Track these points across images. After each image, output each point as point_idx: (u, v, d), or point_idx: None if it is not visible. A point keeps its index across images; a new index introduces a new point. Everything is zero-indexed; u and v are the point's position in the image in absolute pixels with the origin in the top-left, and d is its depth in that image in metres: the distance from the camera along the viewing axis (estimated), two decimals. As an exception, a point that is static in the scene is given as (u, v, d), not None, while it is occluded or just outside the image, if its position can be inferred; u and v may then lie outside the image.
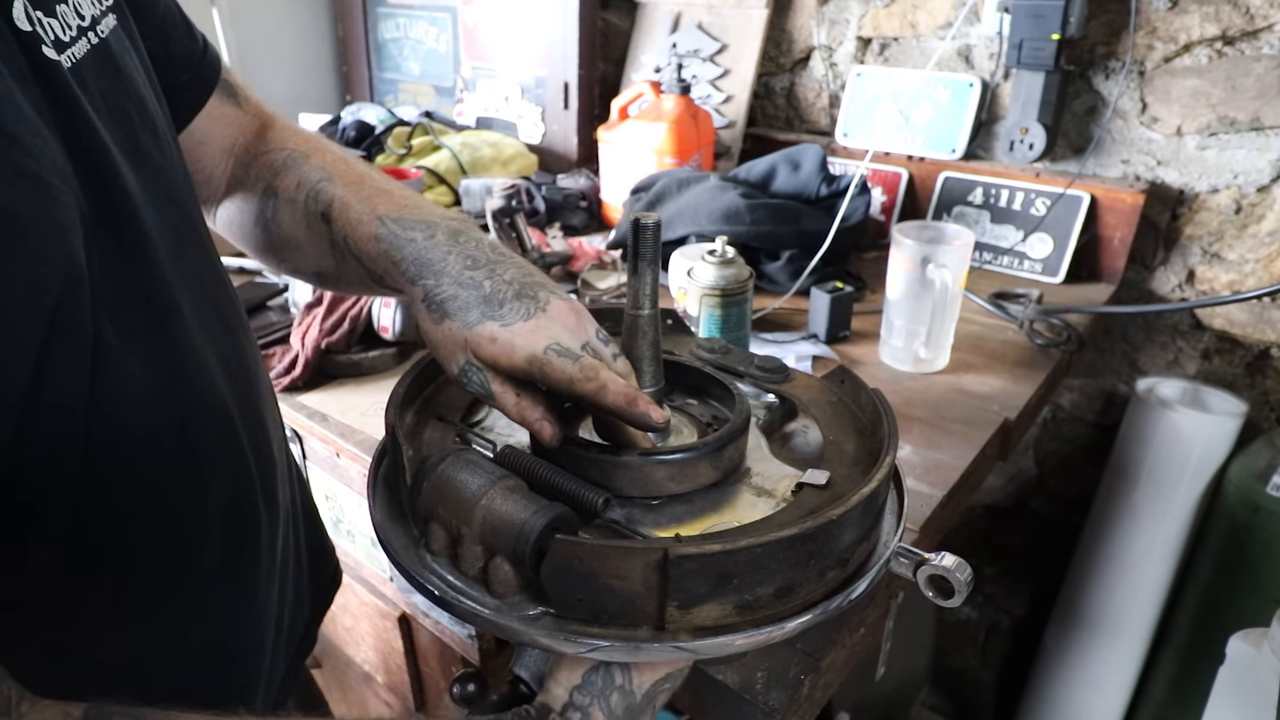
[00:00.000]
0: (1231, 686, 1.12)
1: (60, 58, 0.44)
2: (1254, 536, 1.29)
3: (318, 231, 0.63)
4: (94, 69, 0.47)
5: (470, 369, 0.54)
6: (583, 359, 0.52)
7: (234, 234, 0.71)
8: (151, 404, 0.48)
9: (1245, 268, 1.39)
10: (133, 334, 0.46)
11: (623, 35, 1.89)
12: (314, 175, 0.64)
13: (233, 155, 0.68)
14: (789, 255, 1.27)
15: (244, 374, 0.59)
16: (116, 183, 0.46)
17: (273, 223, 0.66)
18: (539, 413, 0.54)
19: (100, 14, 0.49)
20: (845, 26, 1.66)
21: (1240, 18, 1.27)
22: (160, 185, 0.52)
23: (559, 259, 1.34)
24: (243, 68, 2.02)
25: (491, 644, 0.82)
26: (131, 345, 0.46)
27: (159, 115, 0.55)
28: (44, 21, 0.44)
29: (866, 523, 0.50)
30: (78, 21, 0.47)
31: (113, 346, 0.44)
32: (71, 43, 0.46)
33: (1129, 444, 1.46)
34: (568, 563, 0.43)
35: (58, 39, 0.44)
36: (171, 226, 0.52)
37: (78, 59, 0.46)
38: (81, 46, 0.47)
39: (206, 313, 0.55)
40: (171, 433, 0.50)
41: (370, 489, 0.57)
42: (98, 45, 0.48)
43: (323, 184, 0.63)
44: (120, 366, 0.45)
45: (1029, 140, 1.42)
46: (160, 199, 0.51)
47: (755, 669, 0.61)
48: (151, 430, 0.48)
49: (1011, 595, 1.90)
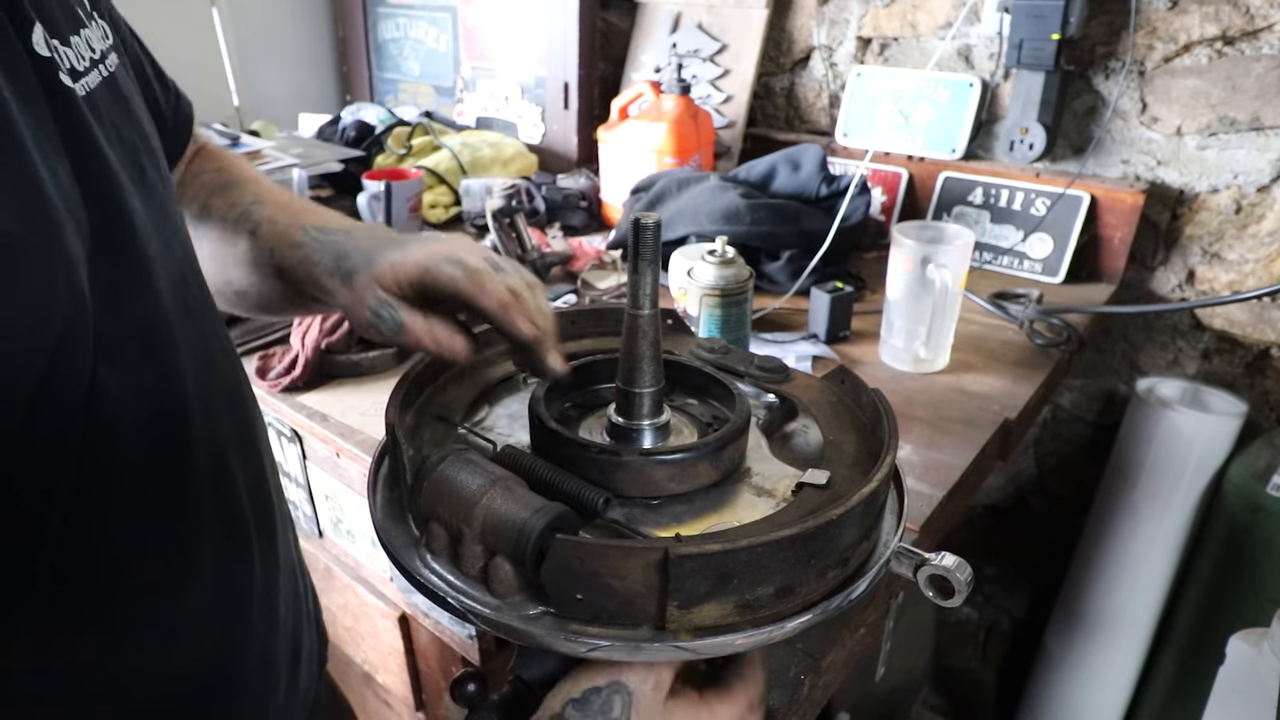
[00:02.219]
0: (1231, 686, 1.12)
1: (75, 85, 0.44)
2: (1254, 536, 1.29)
3: (241, 249, 0.66)
4: (104, 99, 0.48)
5: (381, 307, 0.56)
6: (473, 267, 0.56)
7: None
8: (143, 438, 0.46)
9: (1245, 268, 1.39)
10: (127, 368, 0.45)
11: (623, 35, 1.89)
12: (247, 198, 0.67)
13: (180, 182, 0.71)
14: (789, 255, 1.27)
15: (242, 411, 0.59)
16: (123, 212, 0.46)
17: (203, 239, 0.67)
18: (447, 331, 0.56)
19: (107, 50, 0.51)
20: (845, 26, 1.66)
21: (1240, 18, 1.27)
22: (164, 216, 0.52)
23: (559, 259, 1.34)
24: (243, 68, 2.02)
25: (491, 644, 0.82)
26: (125, 379, 0.44)
27: (159, 149, 0.56)
28: (60, 50, 0.44)
29: (866, 523, 0.50)
30: (90, 54, 0.48)
31: (105, 381, 0.43)
32: (85, 73, 0.46)
33: (1129, 444, 1.46)
34: (568, 562, 0.43)
35: (73, 68, 0.45)
36: (175, 257, 0.52)
37: (90, 88, 0.46)
38: (94, 77, 0.47)
39: (201, 347, 0.54)
40: (164, 468, 0.48)
41: (370, 489, 0.57)
42: (107, 78, 0.49)
43: (254, 205, 0.66)
44: (113, 400, 0.43)
45: (1029, 140, 1.42)
46: (166, 230, 0.52)
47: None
48: (144, 463, 0.47)
49: (1011, 595, 1.90)
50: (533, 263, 1.31)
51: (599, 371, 0.65)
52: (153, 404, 0.47)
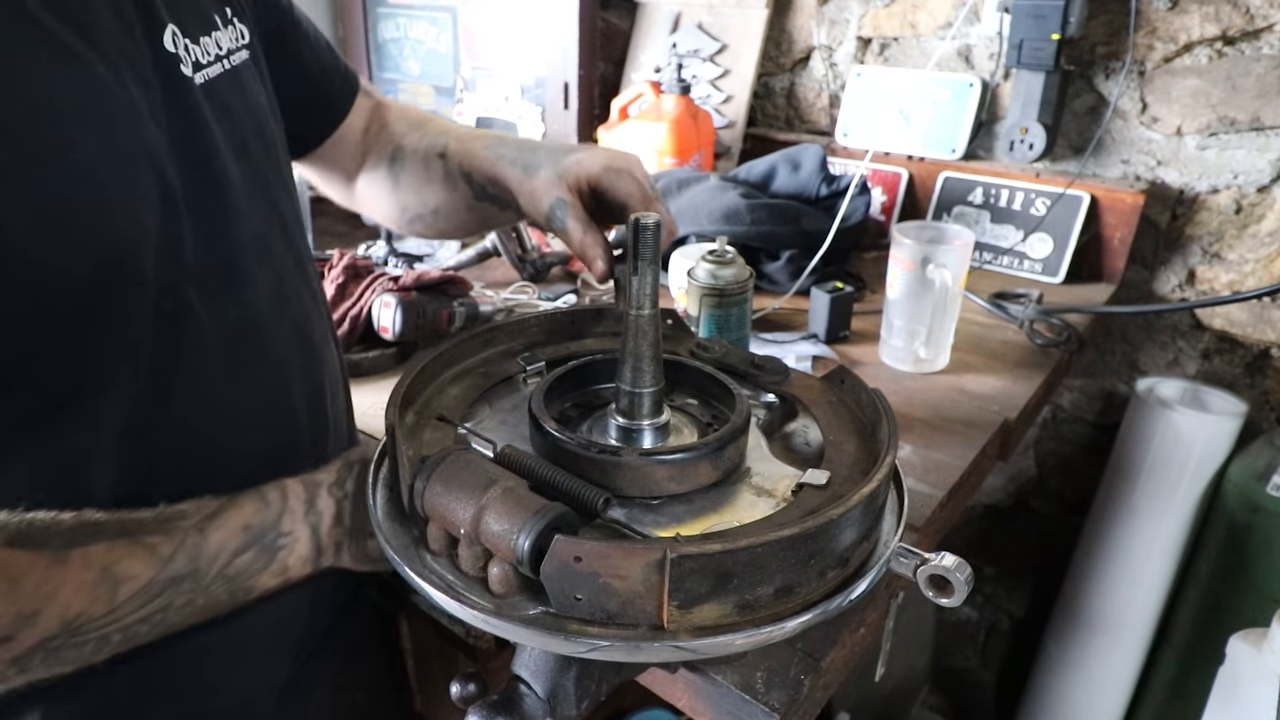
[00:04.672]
0: (1231, 686, 1.12)
1: (195, 75, 0.56)
2: (1254, 536, 1.30)
3: (434, 169, 0.80)
4: (223, 87, 0.59)
5: (558, 204, 0.67)
6: (647, 190, 0.69)
7: (368, 200, 0.88)
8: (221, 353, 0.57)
9: (1245, 268, 1.39)
10: (209, 293, 0.55)
11: (623, 35, 1.89)
12: (433, 131, 0.82)
13: (365, 134, 0.85)
14: (789, 255, 1.27)
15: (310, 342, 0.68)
16: (215, 174, 0.56)
17: (400, 172, 0.82)
18: (599, 250, 0.67)
19: (235, 48, 0.62)
20: (845, 26, 1.66)
21: (1240, 18, 1.27)
22: (256, 183, 0.62)
23: (559, 259, 1.34)
24: (243, 68, 2.02)
25: (491, 644, 0.82)
26: (211, 306, 0.55)
27: (273, 133, 0.67)
28: (189, 47, 0.56)
29: (866, 523, 0.50)
30: (217, 51, 0.59)
31: (190, 302, 0.54)
32: (209, 65, 0.58)
33: (1129, 444, 1.46)
34: (567, 562, 0.43)
35: (197, 62, 0.57)
36: (261, 216, 0.62)
37: (210, 78, 0.58)
38: (216, 69, 0.59)
39: (275, 285, 0.63)
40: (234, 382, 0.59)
41: (370, 489, 0.57)
42: (230, 70, 0.61)
43: (440, 135, 0.81)
44: (199, 325, 0.54)
45: (1029, 140, 1.41)
46: (255, 193, 0.61)
47: (755, 669, 0.61)
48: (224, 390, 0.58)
49: (1011, 595, 1.90)
50: (533, 263, 1.31)
51: (599, 371, 0.65)
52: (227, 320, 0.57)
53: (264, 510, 0.57)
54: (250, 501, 0.57)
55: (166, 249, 0.51)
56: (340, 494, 0.62)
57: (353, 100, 0.83)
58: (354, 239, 1.51)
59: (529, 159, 0.71)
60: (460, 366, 0.68)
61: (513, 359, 0.69)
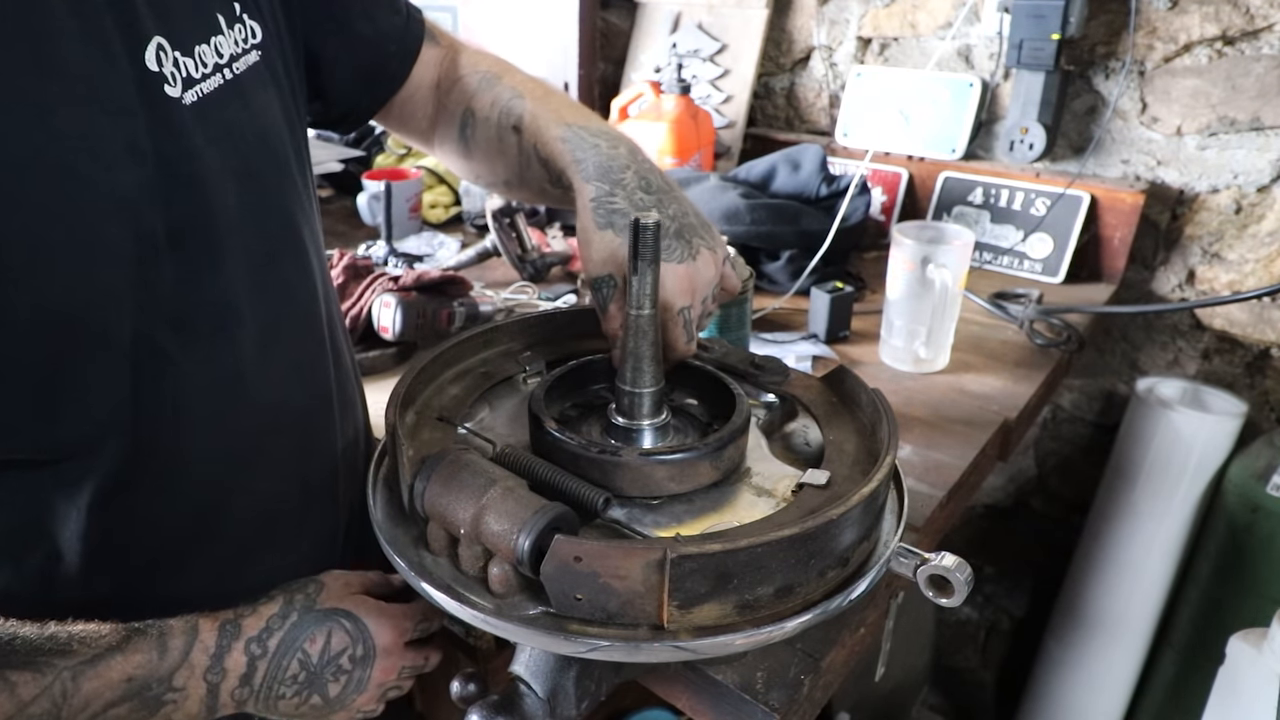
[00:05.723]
0: (1231, 686, 1.12)
1: (183, 94, 0.51)
2: (1254, 536, 1.29)
3: (508, 143, 0.72)
4: (220, 102, 0.54)
5: (608, 281, 0.61)
6: (693, 338, 0.63)
7: (445, 157, 0.81)
8: (205, 403, 0.54)
9: (1245, 268, 1.39)
10: (195, 339, 0.52)
11: (623, 35, 1.89)
12: (506, 94, 0.72)
13: (437, 89, 0.77)
14: (789, 255, 1.27)
15: (323, 383, 0.66)
16: (207, 205, 0.52)
17: (471, 140, 0.75)
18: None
19: (241, 52, 0.56)
20: (845, 26, 1.66)
21: (1240, 18, 1.27)
22: (267, 203, 0.58)
23: (558, 259, 1.34)
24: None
25: (491, 644, 0.82)
26: (189, 351, 0.52)
27: (285, 144, 0.61)
28: (179, 61, 0.51)
29: (866, 523, 0.50)
30: (214, 60, 0.54)
31: (169, 351, 0.51)
32: (202, 79, 0.52)
33: (1129, 444, 1.46)
34: (567, 562, 0.43)
35: (189, 76, 0.51)
36: (269, 240, 0.58)
37: (204, 94, 0.52)
38: (212, 82, 0.53)
39: (272, 317, 0.59)
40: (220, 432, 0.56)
41: (370, 489, 0.57)
42: (230, 81, 0.55)
43: (514, 101, 0.71)
44: (177, 369, 0.52)
45: (1029, 140, 1.41)
46: (263, 215, 0.58)
47: (755, 669, 0.61)
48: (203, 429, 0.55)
49: (1011, 595, 1.90)
50: (533, 263, 1.31)
51: (599, 371, 0.65)
52: (213, 368, 0.55)
53: (156, 660, 0.52)
54: (145, 648, 0.51)
55: (140, 297, 0.48)
56: (258, 651, 0.56)
57: (412, 61, 0.76)
58: (354, 239, 1.51)
59: (612, 203, 0.63)
60: (460, 366, 0.68)
61: (513, 359, 0.69)
